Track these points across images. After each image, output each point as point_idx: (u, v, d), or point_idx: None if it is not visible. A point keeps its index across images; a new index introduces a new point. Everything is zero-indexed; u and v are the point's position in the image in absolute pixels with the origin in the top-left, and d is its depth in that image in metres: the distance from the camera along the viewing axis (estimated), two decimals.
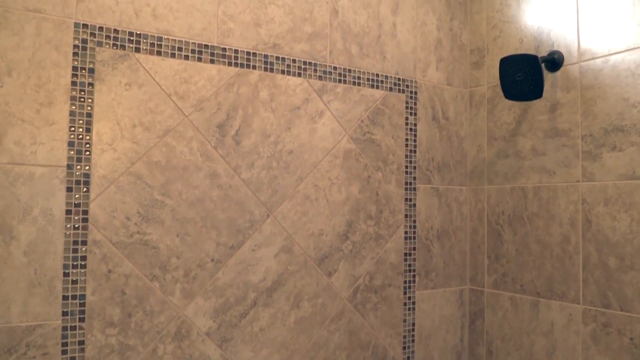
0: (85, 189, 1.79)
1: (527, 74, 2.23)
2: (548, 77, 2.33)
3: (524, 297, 2.40)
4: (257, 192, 2.12)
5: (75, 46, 1.80)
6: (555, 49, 2.32)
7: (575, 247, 2.20)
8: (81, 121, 1.79)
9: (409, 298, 2.51)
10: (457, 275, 2.68)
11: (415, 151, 2.54)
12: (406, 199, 2.51)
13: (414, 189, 2.54)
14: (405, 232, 2.51)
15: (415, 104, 2.56)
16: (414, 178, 2.53)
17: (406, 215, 2.51)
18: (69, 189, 1.77)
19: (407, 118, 2.53)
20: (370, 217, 2.40)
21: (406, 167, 2.51)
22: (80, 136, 1.79)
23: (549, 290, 2.30)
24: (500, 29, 2.59)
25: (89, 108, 1.81)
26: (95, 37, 1.83)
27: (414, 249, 2.53)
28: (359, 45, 2.41)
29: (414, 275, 2.53)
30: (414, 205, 2.54)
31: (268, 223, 2.14)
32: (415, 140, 2.55)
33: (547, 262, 2.31)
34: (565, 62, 2.27)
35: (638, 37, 2.01)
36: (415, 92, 2.56)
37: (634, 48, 2.02)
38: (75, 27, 1.80)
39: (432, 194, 2.60)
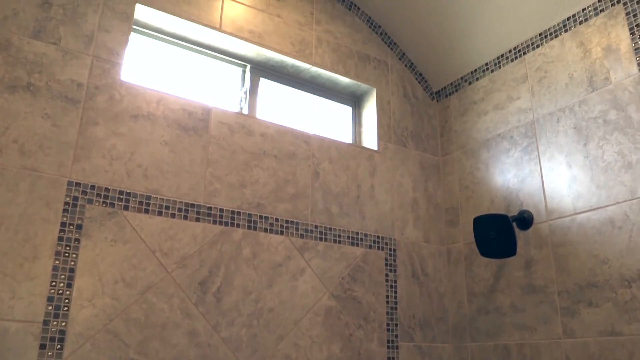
0: (59, 346, 1.74)
1: (500, 232, 2.33)
2: (520, 235, 2.43)
3: None
4: (236, 351, 2.06)
5: (66, 203, 1.87)
6: (524, 208, 2.45)
7: None
8: (63, 276, 1.80)
9: None
10: None
11: (396, 308, 2.54)
12: (389, 358, 2.45)
13: (397, 347, 2.49)
14: None
15: (394, 261, 2.61)
16: (396, 336, 2.50)
17: None
18: (42, 346, 1.71)
19: (387, 275, 2.57)
20: None
21: (388, 324, 2.49)
22: (61, 291, 1.78)
23: None
24: (472, 189, 2.75)
25: (72, 263, 1.82)
26: (86, 195, 1.91)
27: None
28: (339, 205, 2.52)
29: None
30: None
31: None
32: (395, 297, 2.56)
33: None
34: (535, 221, 2.39)
35: (599, 198, 2.15)
36: (395, 250, 2.63)
37: (597, 208, 2.15)
38: (68, 185, 1.89)
39: (415, 352, 2.55)
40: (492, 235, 2.35)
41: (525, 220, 2.41)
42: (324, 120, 2.86)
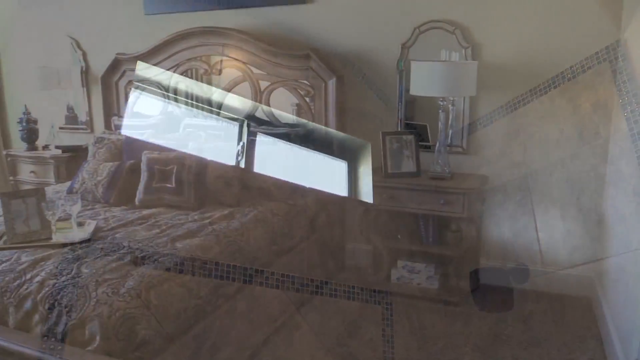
0: None
1: (497, 285, 2.32)
2: (517, 288, 2.42)
3: None
4: None
5: None
6: (520, 261, 2.44)
7: None
8: None
9: None
10: None
11: None
12: None
13: None
14: None
15: (391, 315, 2.57)
16: None
17: None
18: None
19: (384, 330, 2.49)
20: None
21: None
22: None
23: None
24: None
25: None
26: None
27: None
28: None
29: None
30: None
31: None
32: (393, 352, 2.49)
33: None
34: (531, 274, 2.38)
35: (594, 251, 2.16)
36: (391, 304, 2.59)
37: (592, 261, 2.15)
38: None
39: None
40: (488, 288, 2.34)
41: (521, 273, 2.41)
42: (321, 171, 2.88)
